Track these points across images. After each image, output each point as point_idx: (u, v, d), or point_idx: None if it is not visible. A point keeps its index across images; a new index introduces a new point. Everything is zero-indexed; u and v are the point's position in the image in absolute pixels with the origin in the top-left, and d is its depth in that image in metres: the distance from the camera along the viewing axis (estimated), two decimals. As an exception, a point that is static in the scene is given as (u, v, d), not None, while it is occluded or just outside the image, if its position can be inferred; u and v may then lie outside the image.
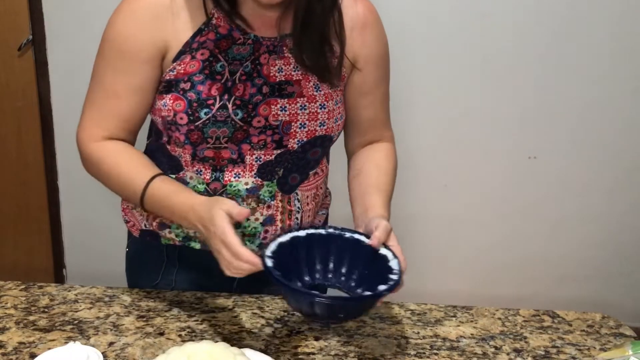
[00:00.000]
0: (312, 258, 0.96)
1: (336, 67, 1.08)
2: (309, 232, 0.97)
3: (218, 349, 0.85)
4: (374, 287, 0.89)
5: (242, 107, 1.02)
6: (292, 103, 1.05)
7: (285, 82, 1.05)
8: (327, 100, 1.07)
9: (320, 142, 1.09)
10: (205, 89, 1.01)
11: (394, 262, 0.93)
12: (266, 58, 1.04)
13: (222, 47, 1.03)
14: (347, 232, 0.97)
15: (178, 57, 1.02)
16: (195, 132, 1.02)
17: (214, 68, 1.02)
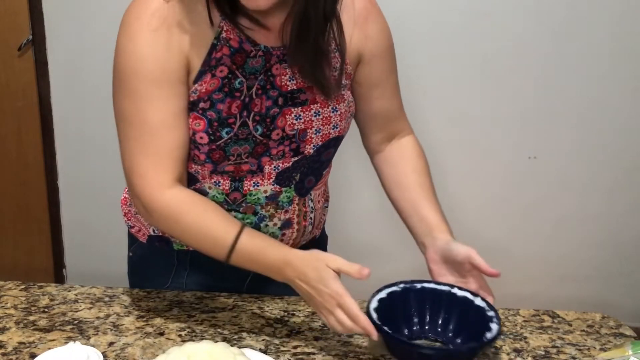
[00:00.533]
0: (409, 311, 1.01)
1: (335, 82, 1.04)
2: (406, 286, 1.02)
3: (218, 349, 0.85)
4: (472, 336, 0.96)
5: (261, 122, 1.01)
6: (306, 110, 1.04)
7: (298, 90, 1.03)
8: (338, 103, 1.06)
9: (334, 143, 1.09)
10: (226, 108, 0.98)
11: (491, 312, 0.97)
12: (278, 68, 1.02)
13: (238, 62, 0.99)
14: (440, 285, 1.03)
15: (199, 77, 0.97)
16: (217, 151, 0.99)
17: (232, 85, 0.99)
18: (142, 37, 0.95)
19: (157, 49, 0.95)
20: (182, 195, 0.99)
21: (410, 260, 2.47)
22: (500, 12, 2.11)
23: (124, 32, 0.97)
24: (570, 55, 2.15)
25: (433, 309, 1.01)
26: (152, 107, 0.96)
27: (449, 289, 1.01)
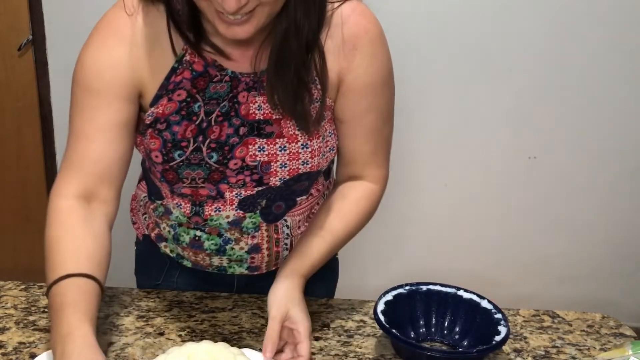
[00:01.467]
0: (415, 313, 1.02)
1: (315, 115, 0.97)
2: (412, 288, 1.02)
3: (218, 349, 0.85)
4: (478, 338, 0.96)
5: (217, 150, 0.96)
6: (270, 144, 0.97)
7: (264, 121, 0.97)
8: (311, 140, 0.98)
9: (306, 177, 1.02)
10: (181, 130, 0.95)
11: (498, 314, 0.97)
12: (245, 96, 0.96)
13: (200, 86, 0.95)
14: (446, 287, 1.02)
15: (155, 101, 0.95)
16: (170, 172, 0.98)
17: (191, 109, 0.95)
18: (91, 47, 0.96)
19: (102, 61, 0.94)
20: (64, 209, 0.94)
21: (410, 259, 2.48)
22: (500, 12, 2.11)
23: (87, 39, 0.98)
24: (570, 55, 2.15)
25: (439, 311, 1.02)
26: (80, 116, 0.95)
27: (455, 291, 1.02)
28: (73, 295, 0.86)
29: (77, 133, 0.95)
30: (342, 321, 1.06)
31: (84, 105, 0.95)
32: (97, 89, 0.94)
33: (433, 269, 2.38)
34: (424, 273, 1.82)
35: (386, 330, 0.92)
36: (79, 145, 0.95)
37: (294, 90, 0.93)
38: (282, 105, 0.95)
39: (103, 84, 0.93)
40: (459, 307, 1.01)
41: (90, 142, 0.94)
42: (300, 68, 0.93)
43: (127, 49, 0.93)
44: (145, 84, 0.95)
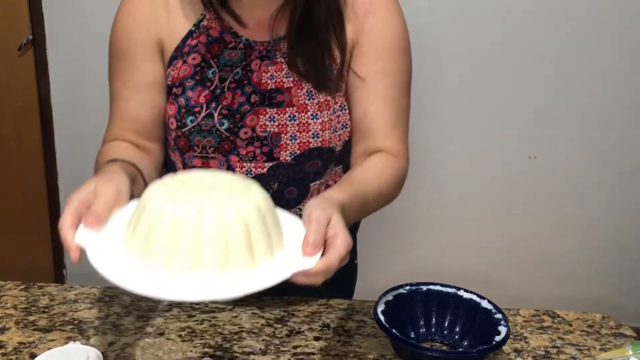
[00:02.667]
0: (415, 313, 1.01)
1: (335, 75, 0.99)
2: (412, 288, 1.02)
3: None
4: (478, 339, 0.96)
5: (228, 117, 0.98)
6: (281, 113, 0.98)
7: (276, 90, 0.99)
8: (321, 110, 0.99)
9: (318, 154, 1.01)
10: (195, 96, 0.98)
11: (499, 314, 0.97)
12: (258, 64, 0.99)
13: (214, 51, 0.98)
14: (446, 287, 1.02)
15: (170, 62, 1.00)
16: (182, 138, 1.00)
17: (205, 74, 0.98)
18: (120, 10, 1.02)
19: (128, 23, 1.00)
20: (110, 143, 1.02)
21: (409, 260, 2.48)
22: (500, 12, 2.11)
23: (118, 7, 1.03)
24: (570, 55, 2.15)
25: (439, 311, 1.02)
26: (114, 78, 1.03)
27: (455, 291, 1.02)
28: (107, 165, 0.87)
29: (114, 95, 1.04)
30: (342, 321, 1.06)
31: (117, 67, 1.02)
32: (125, 50, 1.01)
33: (433, 269, 2.38)
34: (424, 273, 1.82)
35: (386, 331, 0.92)
36: (117, 106, 1.03)
37: (316, 52, 0.96)
38: (305, 68, 0.96)
39: (130, 45, 1.00)
40: (459, 307, 1.01)
41: (126, 102, 1.02)
42: (323, 29, 0.95)
43: (149, 8, 0.99)
44: (164, 44, 1.00)
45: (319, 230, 0.73)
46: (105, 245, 0.72)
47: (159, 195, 0.70)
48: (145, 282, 0.66)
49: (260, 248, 0.70)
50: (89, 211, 0.73)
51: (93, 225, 0.71)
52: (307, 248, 0.71)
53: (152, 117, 1.03)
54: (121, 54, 1.02)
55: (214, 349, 0.97)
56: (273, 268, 0.70)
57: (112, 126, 1.05)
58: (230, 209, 0.68)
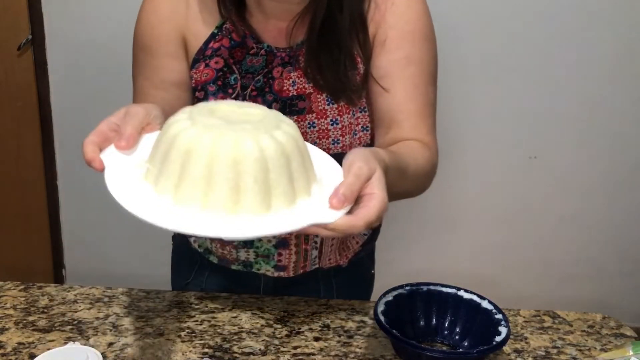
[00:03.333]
0: (415, 313, 1.01)
1: (358, 85, 0.95)
2: (412, 289, 1.01)
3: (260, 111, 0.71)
4: (479, 339, 0.95)
5: None
6: (301, 120, 0.97)
7: (297, 96, 0.97)
8: (341, 115, 0.96)
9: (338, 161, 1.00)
10: None
11: (499, 315, 0.97)
12: (279, 71, 0.97)
13: (237, 57, 0.96)
14: (446, 287, 1.02)
15: (193, 64, 0.98)
16: None
17: (227, 80, 0.97)
18: (146, 5, 0.99)
19: (152, 18, 0.98)
20: None
21: (409, 260, 2.48)
22: (500, 12, 2.10)
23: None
24: (570, 55, 2.15)
25: (440, 312, 1.01)
26: (138, 74, 1.01)
27: (455, 291, 1.02)
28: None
29: (137, 90, 1.01)
30: (342, 321, 1.06)
31: (140, 63, 1.00)
32: (149, 46, 0.98)
33: (433, 269, 2.38)
34: (424, 273, 1.82)
35: (386, 331, 0.92)
36: (138, 101, 1.00)
37: (338, 63, 0.92)
38: (324, 79, 0.93)
39: (154, 41, 0.97)
40: (459, 308, 1.01)
41: (148, 98, 0.99)
42: (345, 39, 0.92)
43: (174, 6, 0.97)
44: (187, 45, 0.98)
45: (354, 184, 0.66)
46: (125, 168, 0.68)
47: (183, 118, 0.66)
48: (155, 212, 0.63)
49: (277, 192, 0.64)
50: (119, 130, 0.70)
51: (121, 147, 0.68)
52: (333, 200, 0.65)
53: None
54: (145, 50, 0.99)
55: (213, 349, 0.96)
56: (289, 215, 0.65)
57: None
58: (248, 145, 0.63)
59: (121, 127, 0.70)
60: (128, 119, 0.71)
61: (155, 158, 0.66)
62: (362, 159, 0.69)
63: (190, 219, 0.62)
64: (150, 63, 0.99)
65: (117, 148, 0.69)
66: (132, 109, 0.73)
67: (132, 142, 0.69)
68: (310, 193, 0.68)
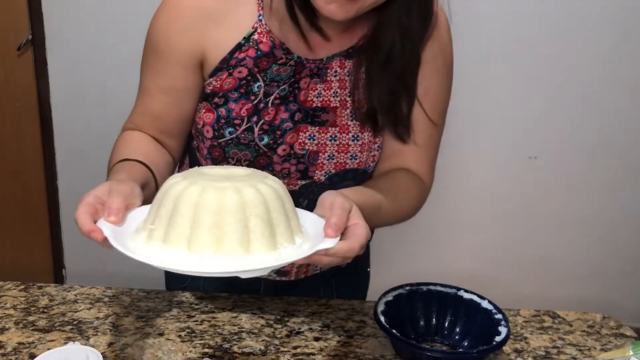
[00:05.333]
0: (415, 313, 1.01)
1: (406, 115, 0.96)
2: (412, 289, 1.01)
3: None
4: (478, 339, 0.95)
5: (269, 133, 0.96)
6: (322, 132, 0.97)
7: (321, 108, 0.97)
8: (362, 132, 0.97)
9: (352, 175, 1.00)
10: (237, 108, 0.96)
11: (499, 315, 0.97)
12: (307, 82, 0.96)
13: (262, 65, 0.95)
14: (446, 287, 1.02)
15: (215, 73, 0.96)
16: (218, 148, 0.98)
17: (250, 87, 0.95)
18: (164, 9, 0.97)
19: (170, 26, 0.96)
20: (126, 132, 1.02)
21: (410, 260, 2.48)
22: (500, 12, 2.11)
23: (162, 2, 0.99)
24: (570, 55, 2.15)
25: (439, 312, 1.02)
26: (145, 73, 1.00)
27: (455, 291, 1.02)
28: (122, 166, 0.90)
29: (142, 88, 1.02)
30: (342, 321, 1.06)
31: (149, 63, 1.00)
32: (162, 52, 0.97)
33: (433, 269, 2.38)
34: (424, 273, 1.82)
35: (386, 331, 0.92)
36: (142, 100, 1.02)
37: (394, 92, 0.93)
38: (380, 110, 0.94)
39: (167, 48, 0.97)
40: (459, 308, 1.01)
41: (152, 99, 1.00)
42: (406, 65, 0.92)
43: (195, 17, 0.94)
44: (207, 54, 0.96)
45: (343, 215, 0.73)
46: (125, 232, 0.72)
47: (179, 180, 0.71)
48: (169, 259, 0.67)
49: (281, 230, 0.70)
50: (105, 205, 0.73)
51: (113, 219, 0.71)
52: (328, 229, 0.71)
53: (177, 119, 1.01)
54: (156, 53, 0.98)
55: (213, 349, 0.96)
56: (294, 249, 0.71)
57: (134, 116, 1.03)
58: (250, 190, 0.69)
59: (108, 202, 0.74)
60: (114, 196, 0.74)
61: (159, 218, 0.70)
62: (339, 196, 0.77)
63: (208, 262, 0.66)
64: (158, 67, 0.99)
65: (108, 222, 0.72)
66: (115, 186, 0.76)
67: (121, 216, 0.72)
68: (303, 232, 0.75)
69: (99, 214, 0.73)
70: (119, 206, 0.73)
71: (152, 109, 1.01)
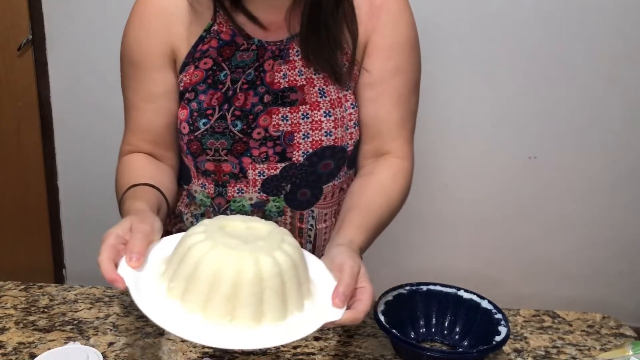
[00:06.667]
0: (415, 313, 1.01)
1: (348, 66, 1.00)
2: (412, 288, 1.02)
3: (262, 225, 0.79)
4: (478, 339, 0.96)
5: (241, 118, 0.99)
6: (294, 112, 0.99)
7: (289, 88, 1.00)
8: (333, 107, 1.00)
9: (331, 153, 1.02)
10: (207, 99, 0.99)
11: (499, 314, 0.97)
12: (271, 64, 0.99)
13: (226, 54, 0.99)
14: (446, 287, 1.02)
15: (183, 68, 1.00)
16: (195, 142, 1.00)
17: (217, 77, 0.99)
18: (130, 21, 1.01)
19: (139, 34, 1.00)
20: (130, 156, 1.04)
21: (410, 260, 2.48)
22: (499, 12, 2.10)
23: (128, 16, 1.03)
24: (570, 55, 2.15)
25: (439, 312, 1.02)
26: (127, 88, 1.04)
27: (455, 291, 1.02)
28: (134, 193, 0.93)
29: (127, 104, 1.05)
30: (342, 321, 1.06)
31: (129, 77, 1.03)
32: (138, 61, 1.01)
33: (433, 269, 2.38)
34: (424, 273, 1.82)
35: (386, 331, 0.92)
36: (131, 116, 1.04)
37: (327, 45, 0.97)
38: (317, 61, 0.98)
39: (141, 55, 1.00)
40: (459, 308, 1.01)
41: (139, 112, 1.03)
42: (331, 25, 0.96)
43: (160, 19, 0.99)
44: (176, 52, 1.00)
45: (351, 284, 0.78)
46: (144, 284, 0.74)
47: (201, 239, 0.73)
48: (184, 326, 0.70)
49: (292, 299, 0.74)
50: (127, 247, 0.75)
51: (135, 264, 0.74)
52: (336, 300, 0.76)
53: (166, 126, 1.04)
54: (132, 64, 1.02)
55: (213, 349, 0.97)
56: (303, 319, 0.74)
57: (127, 135, 1.06)
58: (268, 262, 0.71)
59: (130, 244, 0.76)
60: (135, 237, 0.76)
61: (178, 276, 0.72)
62: (349, 257, 0.81)
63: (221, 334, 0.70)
64: (137, 76, 1.02)
65: (130, 266, 0.74)
66: (136, 225, 0.78)
67: (142, 260, 0.75)
68: (311, 293, 0.78)
69: (120, 254, 0.75)
70: (140, 250, 0.75)
71: (141, 123, 1.03)
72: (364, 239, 0.93)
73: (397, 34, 1.01)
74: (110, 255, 0.74)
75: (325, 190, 1.07)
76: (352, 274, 0.78)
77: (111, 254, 0.74)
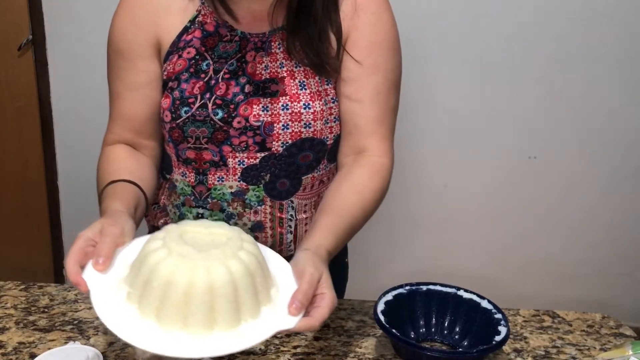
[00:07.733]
0: (415, 313, 1.01)
1: (334, 58, 1.02)
2: (412, 288, 1.02)
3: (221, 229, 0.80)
4: (478, 339, 0.96)
5: (222, 107, 1.00)
6: (274, 103, 1.01)
7: (270, 80, 1.01)
8: (313, 100, 1.01)
9: (309, 145, 1.03)
10: (189, 87, 1.01)
11: (499, 314, 0.97)
12: (252, 55, 1.02)
13: (209, 44, 1.02)
14: (446, 287, 1.02)
15: (167, 57, 1.03)
16: (176, 130, 1.02)
17: (199, 66, 1.01)
18: (119, 10, 1.05)
19: (125, 23, 1.04)
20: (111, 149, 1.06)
21: (409, 260, 2.48)
22: (499, 12, 2.11)
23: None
24: (570, 55, 2.15)
25: (439, 311, 1.02)
26: (113, 77, 1.07)
27: (455, 291, 1.02)
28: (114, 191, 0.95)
29: (112, 93, 1.07)
30: (342, 321, 1.06)
31: (114, 66, 1.06)
32: (122, 49, 1.04)
33: (433, 269, 2.38)
34: (424, 273, 1.82)
35: (386, 330, 0.92)
36: (115, 104, 1.07)
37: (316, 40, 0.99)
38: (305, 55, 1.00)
39: (126, 44, 1.03)
40: (459, 307, 1.01)
41: (123, 100, 1.06)
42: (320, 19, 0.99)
43: (146, 9, 1.03)
44: (161, 42, 1.03)
45: (309, 291, 0.78)
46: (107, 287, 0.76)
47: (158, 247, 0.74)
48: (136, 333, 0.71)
49: (247, 307, 0.74)
50: (95, 251, 0.77)
51: (100, 267, 0.76)
52: (292, 307, 0.76)
53: (149, 115, 1.06)
54: (118, 53, 1.05)
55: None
56: (257, 326, 0.75)
57: (111, 124, 1.09)
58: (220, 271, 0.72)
59: (97, 247, 0.78)
60: (104, 239, 0.78)
61: (136, 283, 0.74)
62: (311, 264, 0.82)
63: (175, 341, 0.71)
64: (122, 65, 1.05)
65: (95, 269, 0.76)
66: (107, 228, 0.80)
67: (108, 263, 0.77)
68: (271, 298, 0.78)
69: (88, 256, 0.78)
70: (107, 253, 0.77)
71: (124, 111, 1.06)
72: (333, 242, 0.93)
73: (376, 33, 1.03)
74: (76, 258, 0.76)
75: (305, 182, 1.07)
76: (311, 281, 0.79)
77: (78, 257, 0.76)
